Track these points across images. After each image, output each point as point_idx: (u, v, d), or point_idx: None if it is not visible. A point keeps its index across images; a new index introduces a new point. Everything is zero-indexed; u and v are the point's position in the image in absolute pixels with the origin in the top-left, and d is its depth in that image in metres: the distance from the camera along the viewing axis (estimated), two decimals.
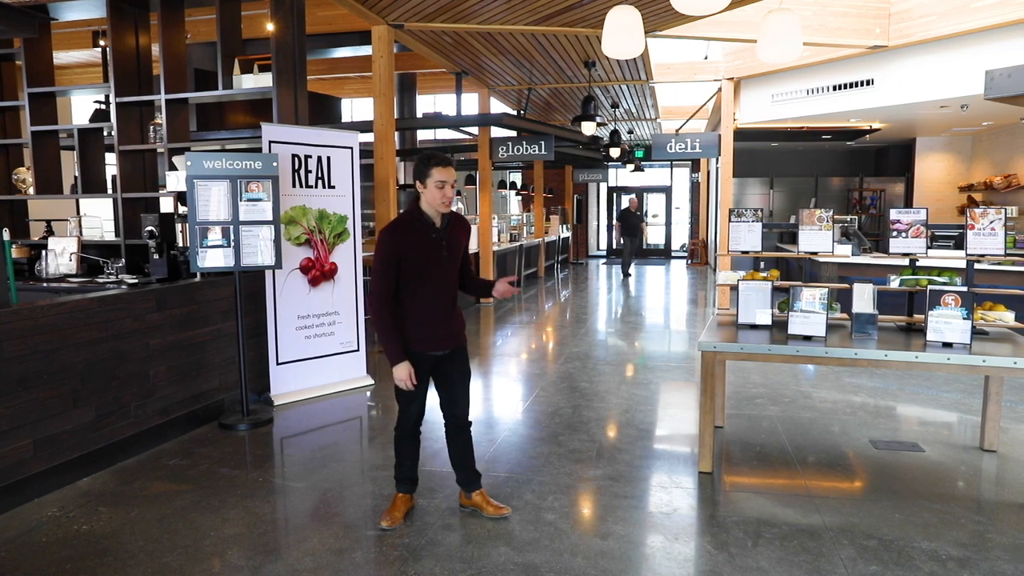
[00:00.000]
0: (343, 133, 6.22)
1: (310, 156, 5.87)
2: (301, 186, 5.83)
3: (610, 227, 23.09)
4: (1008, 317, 4.28)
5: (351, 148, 6.20)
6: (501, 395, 6.23)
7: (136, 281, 4.92)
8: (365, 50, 8.79)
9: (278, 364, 5.73)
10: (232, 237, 5.01)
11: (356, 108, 17.92)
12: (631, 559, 3.20)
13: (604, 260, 21.59)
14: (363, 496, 3.93)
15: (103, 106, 6.93)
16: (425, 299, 3.37)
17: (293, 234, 5.76)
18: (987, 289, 4.59)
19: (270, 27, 5.91)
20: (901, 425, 5.20)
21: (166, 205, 6.78)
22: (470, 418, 3.65)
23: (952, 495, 3.91)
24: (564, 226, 19.35)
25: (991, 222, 4.23)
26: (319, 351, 6.02)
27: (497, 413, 5.62)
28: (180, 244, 5.86)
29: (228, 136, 9.11)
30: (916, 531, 3.44)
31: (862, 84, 9.52)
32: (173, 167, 5.93)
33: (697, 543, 3.36)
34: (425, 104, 16.62)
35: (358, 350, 6.31)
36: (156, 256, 5.34)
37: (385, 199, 7.46)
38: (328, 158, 6.00)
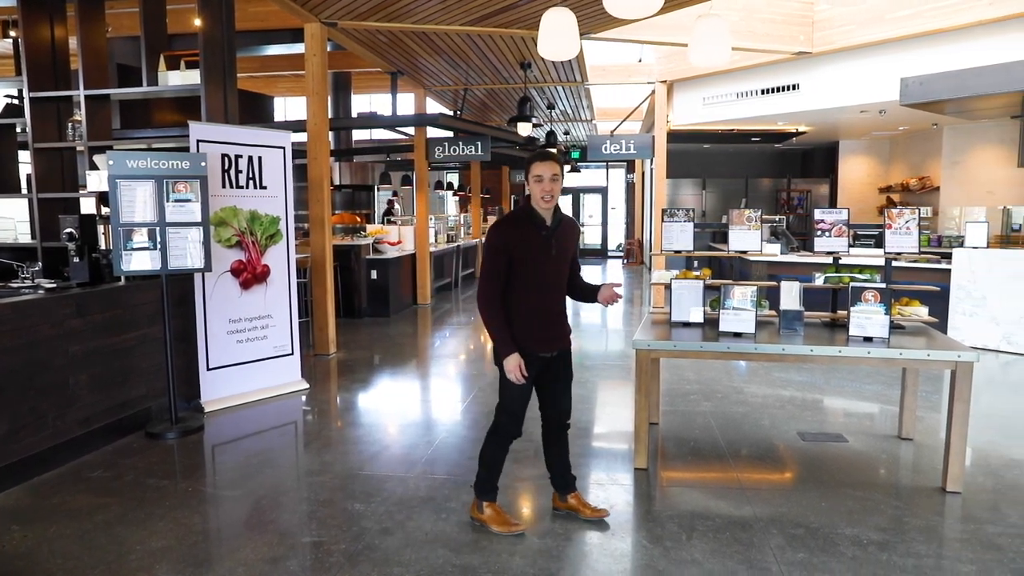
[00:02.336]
0: (275, 132, 6.09)
1: (240, 156, 5.72)
2: (231, 187, 5.67)
3: None
4: (923, 312, 4.49)
5: (283, 148, 6.07)
6: (439, 396, 6.20)
7: (54, 285, 4.69)
8: (298, 48, 8.63)
9: (208, 369, 5.56)
10: (158, 239, 4.84)
11: (290, 107, 17.57)
12: (569, 556, 3.23)
13: None
14: (299, 502, 3.85)
15: (16, 101, 6.60)
16: (536, 298, 3.32)
17: (223, 236, 5.61)
18: (904, 285, 4.80)
19: (198, 22, 5.74)
20: (827, 417, 5.40)
21: (87, 206, 6.49)
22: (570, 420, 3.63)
23: (873, 482, 4.08)
24: None
25: (906, 222, 4.43)
26: (251, 355, 5.88)
27: (435, 414, 5.59)
28: (102, 247, 5.62)
29: (154, 135, 8.78)
30: (840, 518, 3.58)
31: (788, 88, 9.85)
32: (94, 166, 5.69)
33: (633, 538, 3.41)
34: (360, 104, 16.41)
35: (292, 354, 6.19)
36: (76, 259, 5.10)
37: (319, 200, 7.33)
38: (260, 158, 5.86)
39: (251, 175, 5.80)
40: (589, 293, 3.56)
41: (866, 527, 3.48)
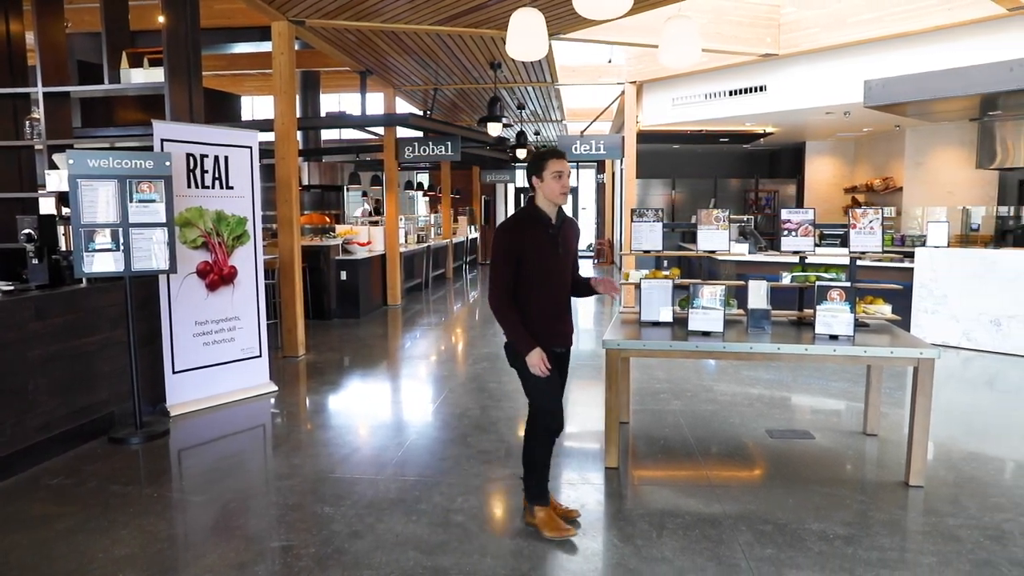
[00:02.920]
0: (242, 132, 6.00)
1: (206, 155, 5.63)
2: (197, 187, 5.58)
3: None
4: (886, 310, 4.57)
5: (250, 147, 5.99)
6: (410, 397, 6.16)
7: (12, 288, 4.57)
8: (265, 46, 8.52)
9: (174, 373, 5.47)
10: (122, 240, 4.74)
11: (257, 106, 17.37)
12: (540, 556, 3.23)
13: None
14: (267, 507, 3.80)
15: None
16: (546, 296, 3.35)
17: (189, 237, 5.51)
18: (868, 284, 4.88)
19: (161, 19, 5.63)
20: (795, 415, 5.47)
21: (46, 206, 6.35)
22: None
23: (839, 478, 4.14)
24: (472, 227, 19.36)
25: (870, 221, 4.50)
26: (219, 358, 5.79)
27: (406, 416, 5.55)
28: (63, 248, 5.50)
29: (117, 133, 8.61)
30: (807, 514, 3.62)
31: (756, 90, 9.98)
32: (54, 166, 5.55)
33: (605, 537, 3.42)
34: (329, 103, 16.27)
35: (260, 356, 6.11)
36: (35, 261, 4.97)
37: (287, 200, 7.24)
38: (226, 158, 5.78)
39: (217, 175, 5.72)
40: (584, 287, 3.61)
41: (832, 522, 3.53)
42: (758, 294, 4.39)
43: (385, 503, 3.78)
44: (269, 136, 7.49)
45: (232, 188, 5.82)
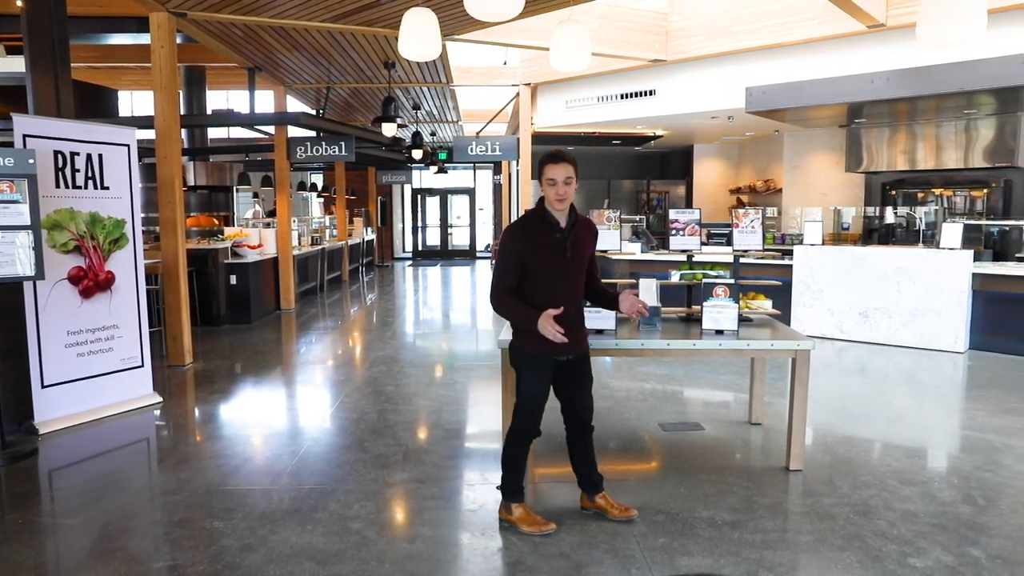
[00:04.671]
0: (117, 128, 5.65)
1: (77, 153, 5.27)
2: (67, 187, 5.22)
3: (415, 229, 23.09)
4: (767, 305, 4.83)
5: (128, 146, 5.65)
6: (305, 404, 5.99)
7: None
8: (144, 38, 8.04)
9: (44, 387, 5.08)
10: None
11: (137, 101, 16.43)
12: (440, 559, 3.21)
13: (410, 262, 21.55)
14: (151, 525, 3.60)
15: None
16: (552, 301, 3.22)
17: (59, 240, 5.14)
18: (751, 281, 5.14)
19: (19, 2, 5.22)
20: (686, 407, 5.69)
21: None
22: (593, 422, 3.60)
23: (727, 466, 4.34)
24: (368, 228, 19.06)
25: (751, 221, 4.74)
26: (95, 369, 5.43)
27: (301, 423, 5.39)
28: None
29: None
30: (698, 502, 3.77)
31: (646, 94, 10.31)
32: None
33: (504, 536, 3.44)
34: (217, 100, 15.62)
35: (143, 366, 5.77)
36: None
37: (171, 201, 6.88)
38: (100, 156, 5.43)
39: (90, 174, 5.36)
40: (607, 299, 3.53)
41: (720, 509, 3.69)
42: (649, 292, 4.53)
43: (279, 514, 3.66)
44: (150, 134, 7.09)
45: (108, 188, 5.47)
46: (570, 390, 3.51)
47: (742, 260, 4.99)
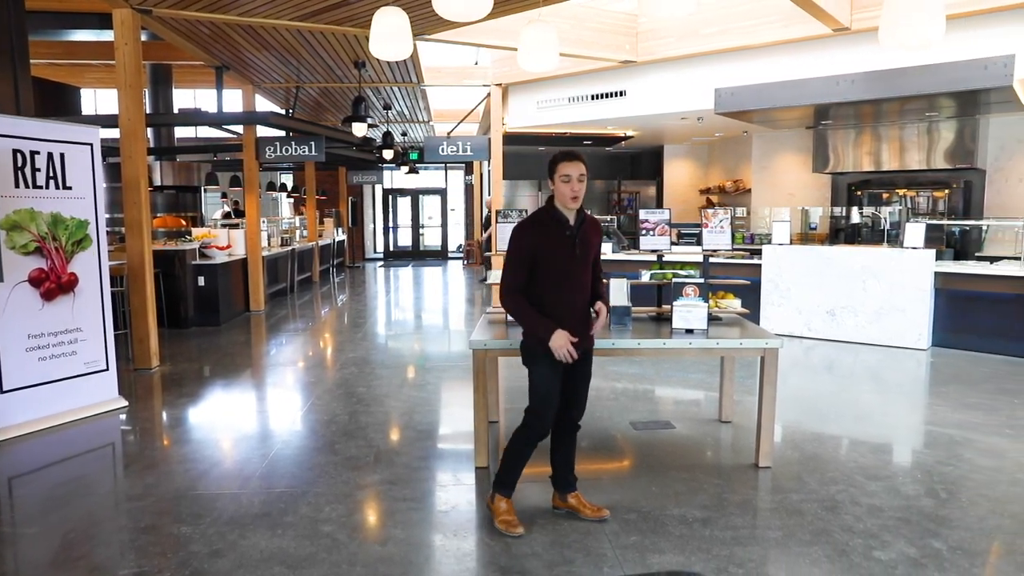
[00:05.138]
0: (80, 127, 5.54)
1: (38, 152, 5.15)
2: (27, 186, 5.10)
3: (386, 229, 22.98)
4: (736, 304, 4.89)
5: (91, 145, 5.54)
6: (275, 406, 5.92)
7: None
8: (108, 35, 7.91)
9: (3, 392, 4.95)
10: None
11: (101, 100, 16.13)
12: (412, 561, 3.19)
13: (381, 263, 21.44)
14: (116, 532, 3.53)
15: None
16: (561, 299, 3.28)
17: (19, 242, 5.02)
18: (720, 280, 5.19)
19: None
20: (657, 406, 5.73)
21: None
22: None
23: (698, 464, 4.38)
24: (339, 229, 18.92)
25: (720, 221, 4.79)
26: (58, 374, 5.31)
27: (272, 425, 5.33)
28: None
29: None
30: (669, 500, 3.80)
31: (616, 95, 10.36)
32: None
33: (476, 537, 3.43)
34: (184, 99, 15.39)
35: (108, 369, 5.66)
36: None
37: (136, 202, 6.76)
38: (62, 155, 5.31)
39: (52, 174, 5.24)
40: (593, 301, 3.50)
41: (691, 506, 3.73)
42: (619, 291, 4.55)
43: (248, 518, 3.61)
44: (114, 133, 6.96)
45: (70, 188, 5.36)
46: (570, 388, 3.51)
47: (712, 260, 5.04)
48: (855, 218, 10.56)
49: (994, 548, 3.31)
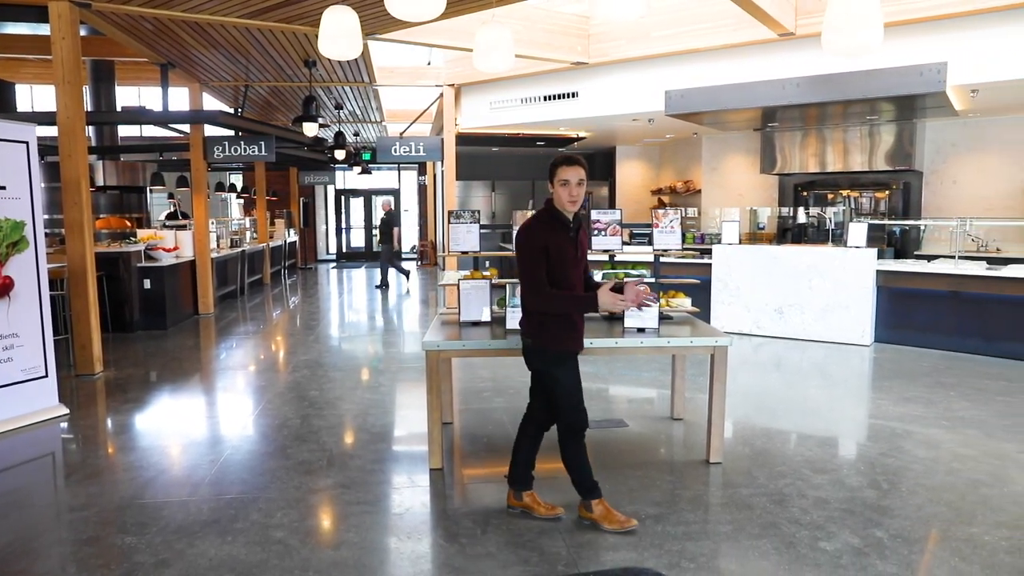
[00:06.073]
0: (14, 124, 5.35)
1: None
2: None
3: (338, 230, 22.72)
4: (687, 303, 4.96)
5: (27, 143, 5.35)
6: (225, 411, 5.79)
7: None
8: (45, 29, 7.62)
9: None
10: None
11: (39, 96, 15.55)
12: (365, 564, 3.16)
13: (334, 264, 21.16)
14: (55, 544, 3.41)
15: None
16: None
17: None
18: (671, 279, 5.26)
19: None
20: (611, 404, 5.79)
21: None
22: None
23: (651, 461, 4.44)
24: (290, 230, 18.62)
25: (671, 221, 4.86)
26: None
27: (221, 430, 5.22)
28: None
29: None
30: (622, 497, 3.84)
31: (569, 96, 10.43)
32: None
33: (430, 538, 3.42)
34: (128, 97, 14.93)
35: (47, 376, 5.47)
36: None
37: (77, 202, 6.54)
38: None
39: None
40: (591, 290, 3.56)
41: (644, 503, 3.77)
42: None
43: (197, 526, 3.53)
44: (53, 130, 6.72)
45: (4, 188, 5.17)
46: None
47: (662, 259, 5.11)
48: (801, 218, 10.82)
49: (932, 535, 3.43)
